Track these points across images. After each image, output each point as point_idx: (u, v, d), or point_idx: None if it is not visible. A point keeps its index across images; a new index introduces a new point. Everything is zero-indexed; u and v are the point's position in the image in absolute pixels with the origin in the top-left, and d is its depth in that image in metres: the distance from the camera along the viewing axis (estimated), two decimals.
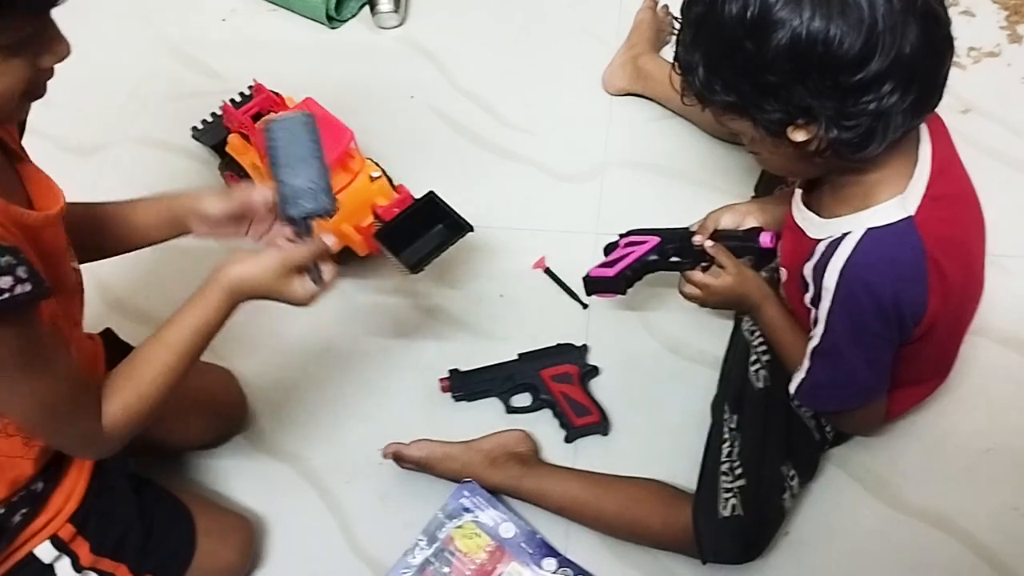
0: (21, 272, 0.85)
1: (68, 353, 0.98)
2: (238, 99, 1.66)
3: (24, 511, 1.09)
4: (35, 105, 0.92)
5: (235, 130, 1.61)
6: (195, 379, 1.35)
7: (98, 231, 1.17)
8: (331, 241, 1.11)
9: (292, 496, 1.40)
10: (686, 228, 1.38)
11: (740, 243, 1.32)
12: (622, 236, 1.42)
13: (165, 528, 1.20)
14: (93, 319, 1.20)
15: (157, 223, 1.20)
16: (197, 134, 1.71)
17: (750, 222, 1.34)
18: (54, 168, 1.06)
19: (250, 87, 1.65)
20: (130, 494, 1.19)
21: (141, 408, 1.02)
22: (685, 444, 1.37)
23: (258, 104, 1.60)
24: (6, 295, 0.83)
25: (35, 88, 0.89)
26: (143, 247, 1.23)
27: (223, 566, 1.25)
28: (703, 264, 1.31)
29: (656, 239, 1.37)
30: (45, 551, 1.11)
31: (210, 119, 1.71)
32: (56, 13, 0.85)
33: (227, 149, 1.63)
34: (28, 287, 0.85)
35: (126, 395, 1.00)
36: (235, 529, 1.29)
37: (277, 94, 1.58)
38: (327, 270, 1.09)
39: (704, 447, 1.31)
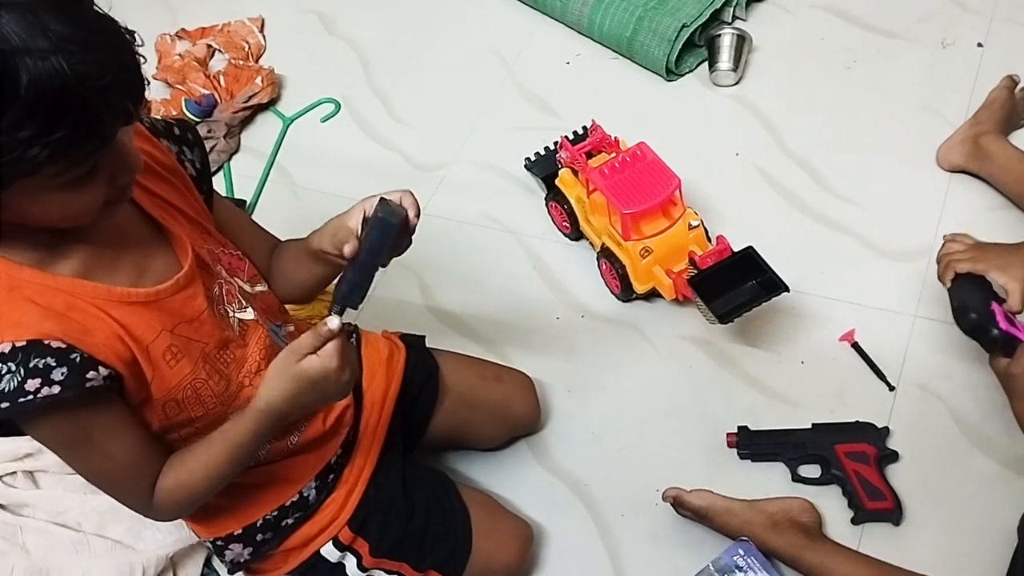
0: (56, 375, 0.86)
1: (130, 435, 0.98)
2: (572, 137, 1.75)
3: (297, 515, 1.20)
4: (392, 120, 0.86)
5: (566, 164, 1.71)
6: (495, 389, 1.45)
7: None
8: (334, 324, 0.99)
9: (568, 515, 1.45)
10: None
11: None
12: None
13: (442, 526, 1.27)
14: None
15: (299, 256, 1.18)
16: (529, 164, 1.82)
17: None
18: (401, 178, 1.07)
19: (585, 127, 1.75)
20: (403, 491, 1.26)
21: (186, 496, 1.04)
22: (984, 555, 1.28)
23: (592, 143, 1.69)
24: (29, 397, 0.85)
25: (116, 197, 0.90)
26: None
27: (500, 568, 1.30)
28: None
29: None
30: (329, 551, 1.23)
31: (543, 152, 1.81)
32: (415, 32, 0.80)
33: (556, 182, 1.73)
34: (56, 390, 0.86)
35: (172, 481, 1.02)
36: (514, 534, 1.34)
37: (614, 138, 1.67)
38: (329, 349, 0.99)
39: (1007, 570, 1.22)
